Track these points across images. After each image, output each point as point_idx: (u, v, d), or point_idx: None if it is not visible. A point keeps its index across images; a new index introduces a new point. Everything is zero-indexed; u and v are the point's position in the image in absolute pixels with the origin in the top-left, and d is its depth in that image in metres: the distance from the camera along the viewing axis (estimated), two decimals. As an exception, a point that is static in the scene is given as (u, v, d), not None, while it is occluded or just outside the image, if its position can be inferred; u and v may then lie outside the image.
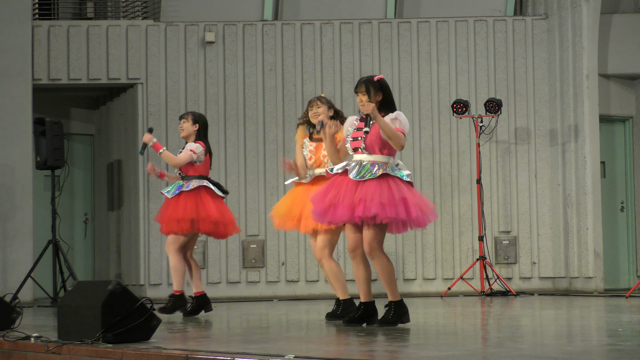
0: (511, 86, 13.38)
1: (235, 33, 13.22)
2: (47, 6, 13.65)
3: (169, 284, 12.96)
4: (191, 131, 9.18)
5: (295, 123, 13.16)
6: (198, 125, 9.18)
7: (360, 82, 7.30)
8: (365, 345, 6.21)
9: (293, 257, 13.09)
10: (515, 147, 13.35)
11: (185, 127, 9.19)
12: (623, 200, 13.68)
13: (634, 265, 13.59)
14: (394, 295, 7.39)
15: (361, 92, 7.25)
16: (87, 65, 13.08)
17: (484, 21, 13.45)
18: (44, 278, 12.36)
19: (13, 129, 12.80)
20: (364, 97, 7.23)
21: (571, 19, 13.12)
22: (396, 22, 13.41)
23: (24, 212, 12.75)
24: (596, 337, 6.77)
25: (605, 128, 13.53)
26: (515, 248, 13.26)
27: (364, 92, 7.23)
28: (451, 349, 5.91)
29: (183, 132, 9.21)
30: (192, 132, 9.19)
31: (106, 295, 6.26)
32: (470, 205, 13.20)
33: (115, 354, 5.93)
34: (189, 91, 13.13)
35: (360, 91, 7.25)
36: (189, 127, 9.18)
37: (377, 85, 7.26)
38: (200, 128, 9.19)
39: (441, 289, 13.00)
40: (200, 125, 9.19)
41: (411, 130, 13.26)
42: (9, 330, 7.18)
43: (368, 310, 7.48)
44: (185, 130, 9.19)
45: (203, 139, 9.19)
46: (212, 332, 7.62)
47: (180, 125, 9.23)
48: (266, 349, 5.99)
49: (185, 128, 9.19)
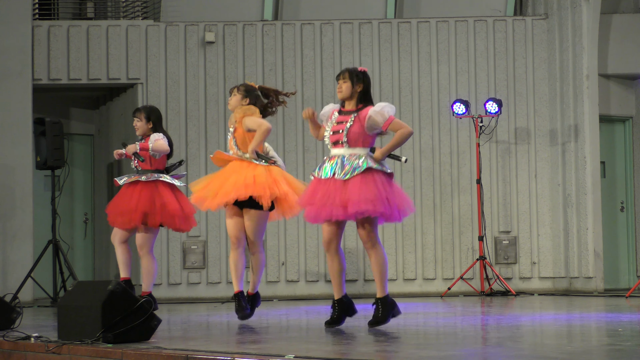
0: (511, 86, 13.38)
1: (235, 33, 13.22)
2: (47, 6, 13.65)
3: (169, 284, 12.97)
4: (146, 129, 9.11)
5: (295, 123, 13.17)
6: (152, 122, 9.11)
7: (344, 70, 7.40)
8: (365, 345, 6.21)
9: (293, 257, 13.09)
10: (515, 147, 13.35)
11: (140, 126, 9.11)
12: (623, 200, 13.68)
13: (634, 265, 13.59)
14: (383, 290, 7.35)
15: (343, 78, 7.33)
16: (87, 65, 13.08)
17: (484, 21, 13.45)
18: (44, 278, 12.36)
19: (13, 129, 12.80)
20: (344, 84, 7.32)
21: (571, 19, 13.13)
22: (396, 22, 13.42)
23: (24, 212, 12.75)
24: (596, 337, 6.77)
25: (605, 128, 13.53)
26: (515, 248, 13.26)
27: (346, 79, 7.32)
28: (451, 349, 5.91)
29: (138, 131, 9.13)
30: (147, 130, 9.12)
31: (106, 295, 6.26)
32: (470, 205, 13.20)
33: (115, 354, 5.93)
34: (189, 91, 13.13)
35: (343, 78, 7.34)
36: (142, 125, 9.11)
37: (360, 75, 7.36)
38: (155, 124, 9.12)
39: (441, 289, 13.00)
40: (154, 121, 9.12)
41: (411, 130, 13.26)
42: (9, 330, 7.18)
43: (343, 306, 7.48)
44: (140, 129, 9.12)
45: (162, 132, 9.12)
46: (212, 332, 7.62)
47: (134, 123, 9.15)
48: (266, 349, 5.99)
49: (139, 127, 9.11)
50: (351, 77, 7.33)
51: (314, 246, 13.02)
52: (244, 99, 8.28)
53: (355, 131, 7.24)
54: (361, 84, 7.33)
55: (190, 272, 12.99)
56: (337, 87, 7.36)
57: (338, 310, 7.47)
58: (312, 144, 13.21)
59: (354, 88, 7.32)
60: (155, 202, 9.06)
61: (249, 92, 8.31)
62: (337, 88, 7.38)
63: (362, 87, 7.33)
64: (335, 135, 7.30)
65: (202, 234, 13.01)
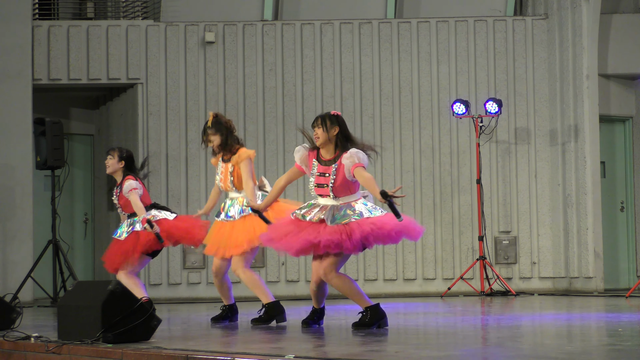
0: (511, 86, 13.38)
1: (235, 33, 13.22)
2: (47, 6, 13.64)
3: (169, 284, 12.97)
4: (117, 168, 9.03)
5: (295, 123, 13.17)
6: (124, 162, 9.06)
7: (317, 117, 7.47)
8: (365, 345, 6.21)
9: (293, 257, 13.07)
10: (515, 147, 13.34)
11: (111, 164, 9.03)
12: (623, 200, 13.68)
13: (634, 265, 13.59)
14: (366, 302, 7.41)
15: (317, 125, 7.41)
16: (87, 65, 13.08)
17: (484, 21, 13.45)
18: (44, 278, 12.36)
19: (13, 129, 12.80)
20: (318, 130, 7.39)
21: (571, 19, 13.12)
22: (396, 22, 13.41)
23: (24, 212, 12.75)
24: (596, 337, 6.77)
25: (605, 128, 13.53)
26: (515, 248, 13.25)
27: (319, 125, 7.39)
28: (451, 349, 5.91)
29: (109, 169, 9.06)
30: (118, 169, 9.05)
31: (106, 295, 6.27)
32: (470, 205, 13.20)
33: (115, 354, 5.94)
34: (189, 91, 13.13)
35: (317, 125, 7.41)
36: (114, 164, 9.03)
37: (334, 119, 7.41)
38: (126, 164, 9.07)
39: (441, 289, 13.00)
40: (126, 162, 9.07)
41: (411, 130, 13.27)
42: (9, 330, 7.19)
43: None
44: (111, 167, 9.03)
45: (131, 173, 9.06)
46: (212, 332, 7.62)
47: (106, 161, 9.09)
48: (266, 349, 5.99)
49: (110, 165, 9.05)
50: (324, 123, 7.38)
51: (314, 246, 13.00)
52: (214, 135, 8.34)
53: (340, 183, 7.32)
54: (336, 126, 7.39)
55: (190, 272, 12.99)
56: (314, 134, 7.42)
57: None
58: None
59: (329, 133, 7.36)
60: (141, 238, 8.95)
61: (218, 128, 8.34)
62: (314, 135, 7.43)
63: (338, 129, 7.39)
64: (320, 189, 7.39)
65: (202, 234, 13.01)
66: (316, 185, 7.40)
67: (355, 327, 7.29)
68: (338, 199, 7.34)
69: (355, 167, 7.25)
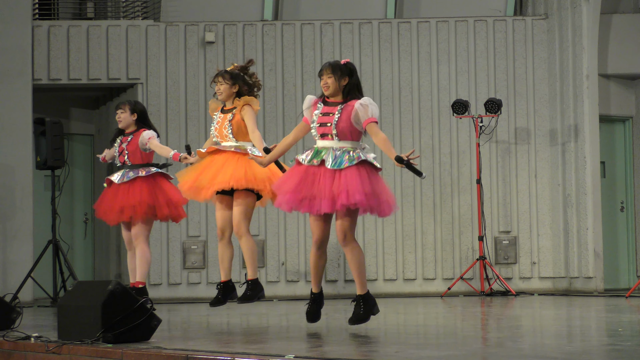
0: (511, 86, 13.38)
1: (235, 33, 13.22)
2: (47, 6, 13.65)
3: (169, 284, 12.97)
4: (130, 121, 9.08)
5: (295, 123, 13.16)
6: (136, 114, 9.09)
7: (326, 65, 7.18)
8: (365, 345, 6.21)
9: (293, 257, 13.09)
10: (515, 147, 13.35)
11: (124, 117, 9.08)
12: (623, 200, 13.68)
13: (634, 265, 13.59)
14: (363, 287, 7.15)
15: (327, 74, 7.13)
16: (87, 65, 13.08)
17: (484, 21, 13.45)
18: (44, 278, 12.36)
19: (13, 129, 12.80)
20: (329, 79, 7.11)
21: (571, 19, 13.13)
22: (396, 22, 13.42)
23: (24, 212, 12.75)
24: (596, 337, 6.77)
25: (605, 128, 13.53)
26: (515, 248, 13.25)
27: (330, 75, 7.12)
28: (451, 349, 5.91)
29: (122, 123, 9.09)
30: (131, 122, 9.09)
31: (106, 295, 6.26)
32: (470, 205, 13.20)
33: (115, 354, 5.94)
34: (189, 91, 13.14)
35: (326, 74, 7.13)
36: (127, 117, 9.07)
37: (345, 68, 7.15)
38: (139, 116, 9.10)
39: (441, 289, 13.00)
40: (139, 114, 9.11)
41: (411, 130, 13.27)
42: (9, 330, 7.19)
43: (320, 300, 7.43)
44: (124, 121, 9.08)
45: (147, 126, 9.10)
46: (212, 332, 7.62)
47: (117, 116, 9.10)
48: (266, 349, 5.99)
49: (123, 118, 9.08)
50: (335, 72, 7.12)
51: (314, 246, 13.00)
52: (233, 86, 8.18)
53: (344, 124, 7.05)
54: (346, 77, 7.13)
55: (190, 272, 12.99)
56: (322, 82, 7.14)
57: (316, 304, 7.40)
58: (312, 143, 13.18)
59: (339, 82, 7.11)
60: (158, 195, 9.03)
61: (235, 78, 8.20)
62: (322, 84, 7.15)
63: (348, 80, 7.13)
64: (322, 127, 7.13)
65: (202, 234, 13.01)
66: (319, 124, 7.12)
67: (352, 323, 7.14)
68: (340, 141, 7.07)
69: (370, 122, 7.01)
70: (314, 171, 7.12)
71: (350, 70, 7.17)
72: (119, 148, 9.09)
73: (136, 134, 9.02)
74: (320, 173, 7.09)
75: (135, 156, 9.02)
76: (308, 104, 7.26)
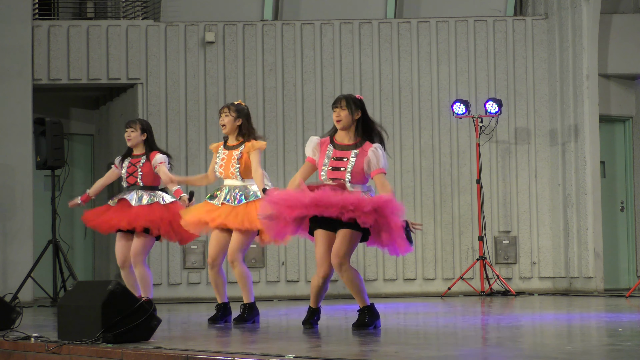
0: (511, 86, 13.38)
1: (235, 33, 13.22)
2: (47, 6, 13.65)
3: (169, 284, 12.96)
4: (140, 140, 9.07)
5: (295, 123, 13.17)
6: (146, 134, 9.09)
7: (341, 97, 7.19)
8: (365, 345, 6.21)
9: (293, 257, 13.09)
10: (515, 147, 13.35)
11: (134, 137, 9.06)
12: (623, 200, 13.68)
13: (634, 265, 13.59)
14: (366, 301, 7.23)
15: (341, 106, 7.14)
16: (87, 65, 13.08)
17: (484, 21, 13.45)
18: (44, 278, 12.36)
19: (13, 129, 12.80)
20: (342, 112, 7.13)
21: (571, 19, 13.13)
22: (396, 22, 13.41)
23: (24, 212, 12.75)
24: (596, 337, 6.77)
25: (605, 128, 13.53)
26: (515, 248, 13.25)
27: (344, 107, 7.14)
28: (451, 349, 5.91)
29: (131, 141, 9.07)
30: (140, 142, 9.09)
31: (106, 295, 6.26)
32: (470, 205, 13.20)
33: (115, 354, 5.93)
34: (189, 91, 13.14)
35: (341, 106, 7.15)
36: (137, 136, 9.06)
37: (358, 102, 7.19)
38: (149, 136, 9.10)
39: (441, 289, 13.00)
40: (149, 134, 9.11)
41: (411, 130, 13.27)
42: (9, 330, 7.19)
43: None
44: (134, 139, 9.06)
45: (155, 147, 9.11)
46: (212, 332, 7.63)
47: (127, 134, 9.08)
48: (266, 349, 5.99)
49: (133, 137, 9.06)
50: (349, 105, 7.14)
51: (314, 246, 12.99)
52: (236, 119, 8.25)
53: (359, 170, 7.08)
54: (359, 110, 7.17)
55: (190, 272, 12.99)
56: (335, 115, 7.15)
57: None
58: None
59: (352, 116, 7.14)
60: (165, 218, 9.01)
61: (240, 112, 8.28)
62: (334, 116, 7.16)
63: (360, 114, 7.17)
64: (335, 172, 7.12)
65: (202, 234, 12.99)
66: (331, 168, 7.11)
67: (355, 327, 7.23)
68: (352, 186, 7.08)
69: (379, 172, 7.05)
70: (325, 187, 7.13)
71: (363, 105, 7.23)
72: (130, 169, 9.07)
73: (151, 155, 9.02)
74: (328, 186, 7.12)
75: (148, 178, 9.02)
76: (313, 145, 7.27)
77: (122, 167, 9.13)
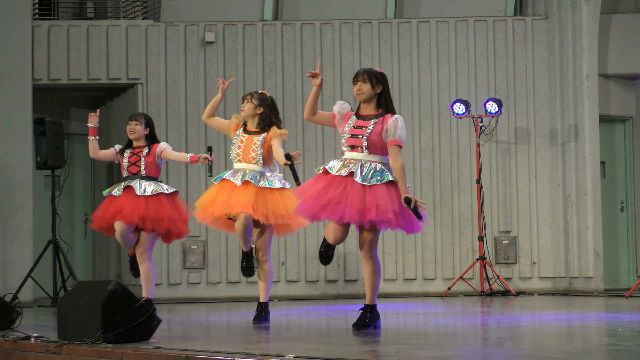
0: (511, 86, 13.38)
1: (235, 33, 13.22)
2: (47, 6, 13.65)
3: (169, 284, 12.97)
4: (142, 134, 9.11)
5: (295, 123, 13.17)
6: (149, 129, 9.14)
7: (362, 71, 7.20)
8: (365, 345, 6.21)
9: (293, 257, 13.09)
10: (515, 147, 13.35)
11: (138, 130, 9.10)
12: (623, 200, 13.68)
13: (634, 265, 13.59)
14: (373, 299, 7.29)
15: (362, 80, 7.14)
16: (87, 65, 13.08)
17: (484, 21, 13.45)
18: (44, 278, 12.37)
19: (13, 129, 12.81)
20: (364, 86, 7.13)
21: (571, 19, 13.13)
22: (396, 22, 13.42)
23: (24, 212, 12.75)
24: (596, 337, 6.77)
25: (605, 128, 13.53)
26: (515, 248, 13.25)
27: (366, 80, 7.14)
28: (451, 349, 5.91)
29: (134, 134, 9.10)
30: (143, 136, 9.12)
31: (106, 295, 6.26)
32: (470, 205, 13.20)
33: (115, 354, 5.94)
34: (189, 91, 13.14)
35: (362, 79, 7.14)
36: (141, 130, 9.11)
37: (379, 76, 7.19)
38: (151, 131, 9.16)
39: (441, 289, 13.00)
40: (151, 128, 9.16)
41: (411, 130, 13.27)
42: (9, 330, 7.19)
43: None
44: (137, 133, 9.09)
45: (157, 140, 9.16)
46: (212, 332, 7.62)
47: (131, 127, 9.09)
48: (266, 349, 5.99)
49: (137, 131, 9.10)
50: (370, 79, 7.14)
51: (313, 246, 13.02)
52: (257, 107, 8.25)
53: (376, 137, 7.06)
54: (380, 85, 7.16)
55: (190, 272, 12.99)
56: (356, 88, 7.15)
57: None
58: (312, 144, 13.22)
59: (374, 90, 7.14)
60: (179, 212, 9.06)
61: (262, 101, 8.28)
62: (355, 90, 7.16)
63: (382, 88, 7.16)
64: (353, 139, 7.11)
65: (202, 234, 13.01)
66: (350, 135, 7.10)
67: (356, 327, 7.22)
68: (369, 155, 7.07)
69: (394, 143, 7.02)
70: (341, 180, 7.10)
71: (385, 79, 7.22)
72: (132, 158, 9.07)
73: (153, 147, 9.06)
74: (348, 182, 7.09)
75: (152, 168, 9.04)
76: (340, 107, 7.26)
77: (122, 157, 9.14)
